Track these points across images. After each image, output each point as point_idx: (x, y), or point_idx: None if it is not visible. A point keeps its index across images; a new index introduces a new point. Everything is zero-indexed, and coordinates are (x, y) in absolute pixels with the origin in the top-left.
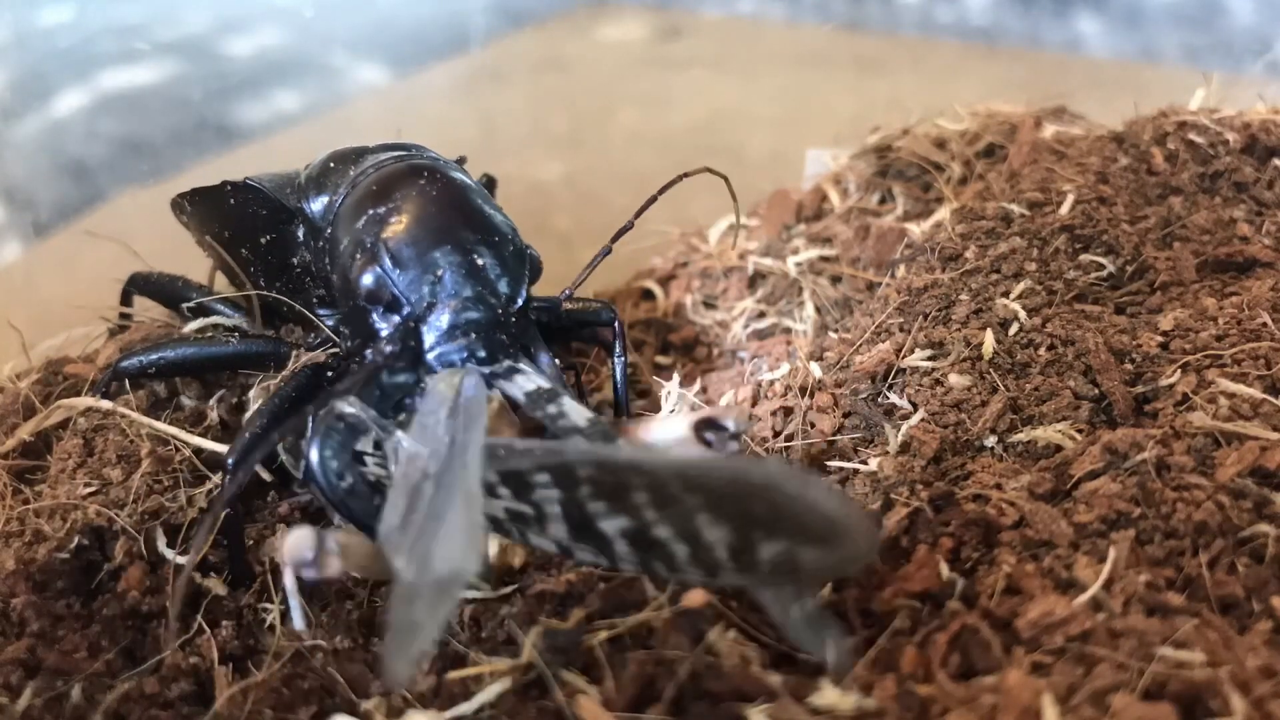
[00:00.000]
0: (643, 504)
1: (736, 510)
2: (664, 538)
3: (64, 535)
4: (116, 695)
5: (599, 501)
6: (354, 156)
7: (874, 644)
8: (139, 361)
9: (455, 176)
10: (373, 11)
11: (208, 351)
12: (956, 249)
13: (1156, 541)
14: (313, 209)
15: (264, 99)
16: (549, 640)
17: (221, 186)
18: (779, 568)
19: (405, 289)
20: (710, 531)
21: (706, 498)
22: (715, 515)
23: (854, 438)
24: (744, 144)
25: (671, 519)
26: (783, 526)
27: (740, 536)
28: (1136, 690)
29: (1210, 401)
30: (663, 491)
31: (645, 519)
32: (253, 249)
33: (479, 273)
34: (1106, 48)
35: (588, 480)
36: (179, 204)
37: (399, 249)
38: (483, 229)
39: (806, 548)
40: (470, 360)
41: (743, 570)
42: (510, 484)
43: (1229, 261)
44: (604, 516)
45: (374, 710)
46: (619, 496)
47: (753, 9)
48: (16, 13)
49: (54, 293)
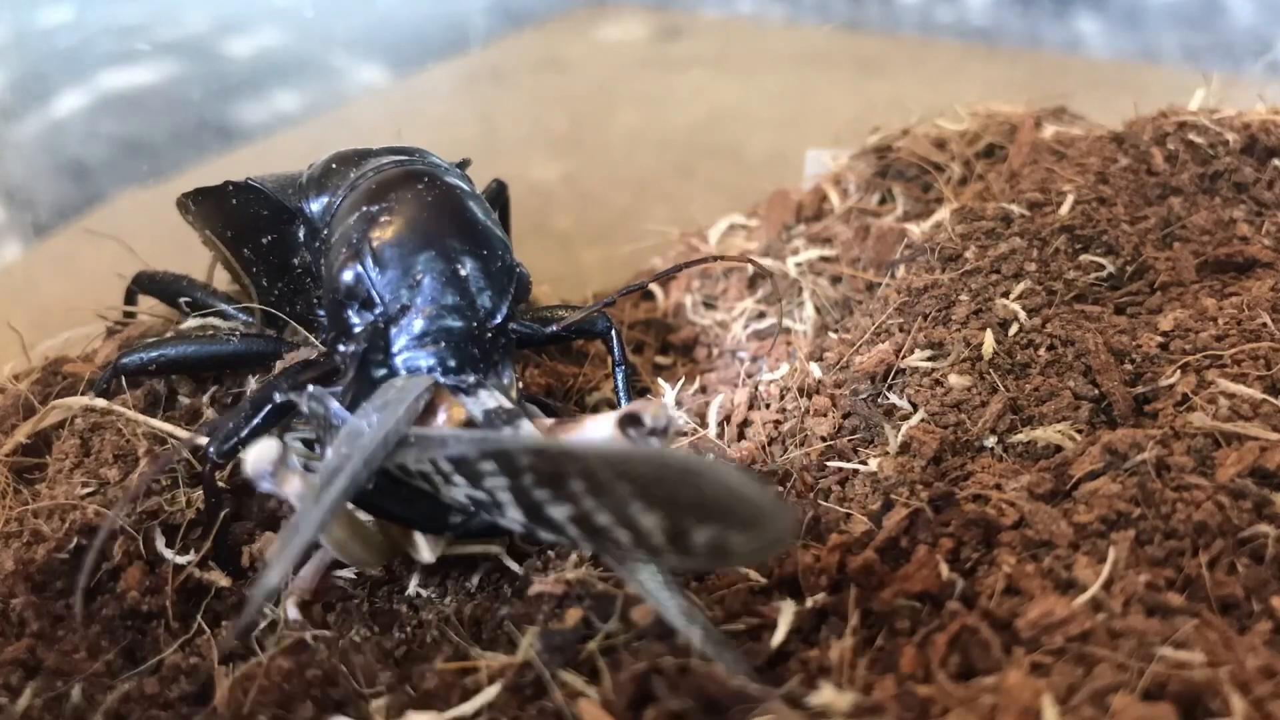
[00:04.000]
0: (580, 492)
1: (664, 496)
2: (605, 524)
3: (62, 535)
4: (116, 695)
5: (542, 489)
6: (356, 158)
7: (874, 644)
8: (140, 359)
9: (453, 184)
10: (373, 11)
11: (208, 349)
12: (956, 249)
13: (1156, 542)
14: (312, 209)
15: (264, 99)
16: (546, 641)
17: (224, 186)
18: (715, 551)
19: (381, 289)
20: (645, 518)
21: (634, 485)
22: (646, 502)
23: (854, 438)
24: (744, 144)
25: (608, 506)
26: (710, 512)
27: (673, 522)
28: (1136, 690)
29: (1210, 402)
30: (595, 479)
31: (585, 507)
32: (254, 249)
33: (460, 283)
34: (1106, 48)
35: (529, 469)
36: (183, 203)
37: (382, 249)
38: (472, 240)
39: (734, 532)
40: (438, 370)
41: (682, 554)
42: (462, 472)
43: (1229, 262)
44: (549, 504)
45: (374, 710)
46: (558, 484)
47: (753, 9)
48: (16, 13)
49: (54, 293)
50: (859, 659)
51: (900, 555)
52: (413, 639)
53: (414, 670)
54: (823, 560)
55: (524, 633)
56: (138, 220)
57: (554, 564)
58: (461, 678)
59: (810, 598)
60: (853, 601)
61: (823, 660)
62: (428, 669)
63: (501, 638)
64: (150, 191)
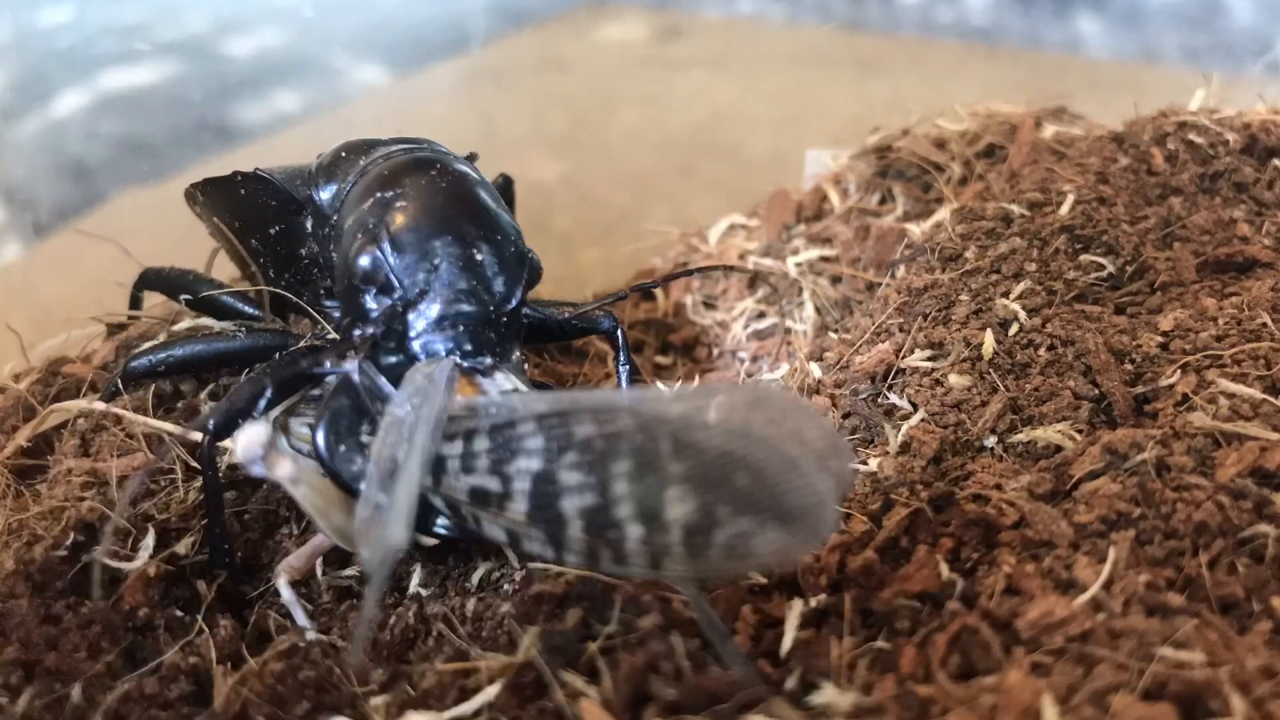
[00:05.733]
0: (619, 474)
1: (715, 480)
2: (622, 517)
3: (59, 534)
4: (116, 695)
5: (578, 471)
6: (365, 147)
7: (874, 644)
8: (148, 361)
9: (466, 172)
10: (373, 11)
11: (216, 347)
12: (956, 249)
13: (1156, 542)
14: (321, 197)
15: (264, 99)
16: (546, 641)
17: (232, 177)
18: (731, 552)
19: (400, 273)
20: (675, 508)
21: (690, 466)
22: (692, 486)
23: (854, 438)
24: (744, 144)
25: (640, 492)
26: (757, 502)
27: (704, 514)
28: (1136, 690)
29: (1210, 402)
30: (648, 454)
31: (615, 493)
32: (262, 239)
33: (476, 268)
34: (1106, 48)
35: (579, 445)
36: (192, 194)
37: (400, 234)
38: (486, 226)
39: (769, 527)
40: (455, 353)
41: (692, 556)
42: (499, 448)
43: (1229, 262)
44: (572, 492)
45: (374, 710)
46: (602, 465)
47: (753, 9)
48: (16, 13)
49: (54, 293)
50: (859, 659)
51: (900, 555)
52: (412, 638)
53: (413, 670)
54: (823, 560)
55: (524, 633)
56: (138, 220)
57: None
58: (462, 678)
59: (810, 598)
60: (853, 601)
61: (823, 660)
62: (427, 668)
63: (501, 637)
64: (150, 191)
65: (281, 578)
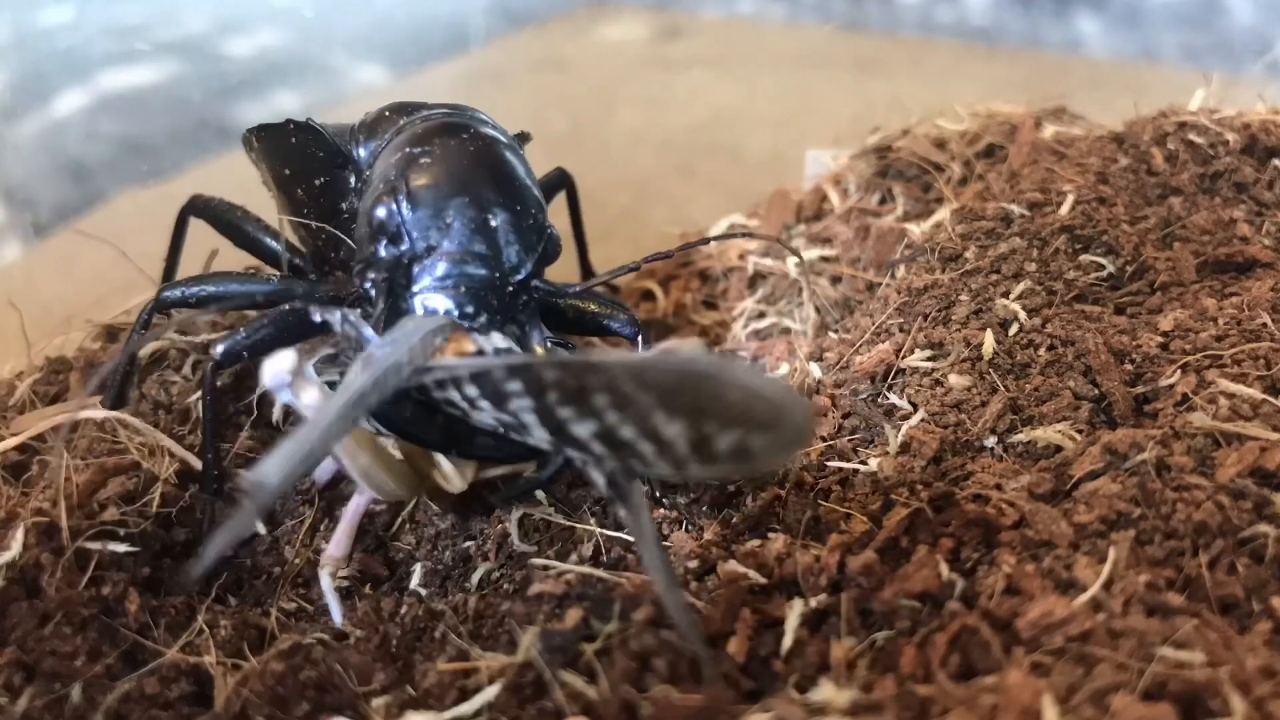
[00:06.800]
0: (604, 406)
1: (686, 404)
2: (630, 438)
3: (59, 534)
4: (116, 696)
5: (566, 406)
6: (408, 109)
7: (874, 644)
8: (180, 293)
9: (496, 138)
10: (373, 11)
11: (249, 287)
12: (956, 249)
13: (1156, 542)
14: (360, 154)
15: (264, 99)
16: (546, 641)
17: (285, 124)
18: (739, 455)
19: (411, 226)
20: (668, 428)
21: (656, 395)
22: (669, 411)
23: (854, 438)
24: (744, 144)
25: (632, 418)
26: (731, 416)
27: (696, 430)
28: (1136, 690)
29: (1210, 402)
30: (618, 392)
31: (609, 421)
32: (307, 190)
33: (490, 233)
34: (1106, 48)
35: (553, 385)
36: (248, 139)
37: (418, 188)
38: (506, 194)
39: (756, 434)
40: (454, 313)
41: (706, 462)
42: (486, 393)
43: (1229, 262)
44: (574, 421)
45: (374, 710)
46: (582, 399)
47: (753, 9)
48: (16, 13)
49: (54, 293)
50: (859, 659)
51: (900, 555)
52: (413, 637)
53: (414, 669)
54: (823, 560)
55: (524, 632)
56: (137, 220)
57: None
58: (461, 678)
59: (810, 598)
60: (853, 601)
61: (823, 660)
62: (428, 668)
63: (502, 637)
64: (150, 192)
65: (324, 570)
